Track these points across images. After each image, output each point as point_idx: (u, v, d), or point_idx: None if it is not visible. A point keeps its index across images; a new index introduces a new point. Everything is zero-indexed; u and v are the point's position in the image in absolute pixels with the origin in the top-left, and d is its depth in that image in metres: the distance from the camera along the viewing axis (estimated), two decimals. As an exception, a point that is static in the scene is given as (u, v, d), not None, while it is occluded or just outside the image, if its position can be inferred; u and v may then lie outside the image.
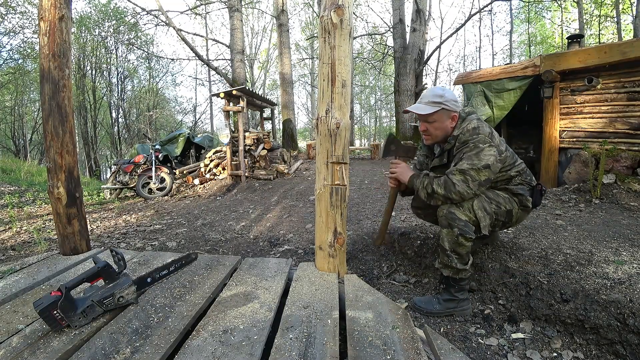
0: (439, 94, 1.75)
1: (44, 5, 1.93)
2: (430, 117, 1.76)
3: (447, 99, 1.74)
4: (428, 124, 1.79)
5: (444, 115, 1.75)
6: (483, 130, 1.70)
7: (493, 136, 1.72)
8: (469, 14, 12.94)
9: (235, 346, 1.16)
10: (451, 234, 1.69)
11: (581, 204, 3.19)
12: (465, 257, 1.72)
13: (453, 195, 1.63)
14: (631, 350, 1.43)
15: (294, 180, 6.41)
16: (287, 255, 2.72)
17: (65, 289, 1.26)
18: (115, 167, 6.55)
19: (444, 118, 1.76)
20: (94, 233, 3.55)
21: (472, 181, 1.62)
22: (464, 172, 1.63)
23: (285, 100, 10.86)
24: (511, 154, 1.81)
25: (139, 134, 17.16)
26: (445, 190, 1.65)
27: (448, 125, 1.78)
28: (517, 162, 1.82)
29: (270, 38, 23.56)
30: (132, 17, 13.46)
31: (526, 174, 1.84)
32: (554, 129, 4.57)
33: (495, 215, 1.73)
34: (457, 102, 1.78)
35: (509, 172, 1.78)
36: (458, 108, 1.77)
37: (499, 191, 1.79)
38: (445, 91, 1.78)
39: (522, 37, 22.88)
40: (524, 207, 1.82)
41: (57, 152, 2.00)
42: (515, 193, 1.79)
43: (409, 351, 1.18)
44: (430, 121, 1.78)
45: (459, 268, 1.72)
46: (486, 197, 1.74)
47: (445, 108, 1.73)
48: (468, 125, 1.72)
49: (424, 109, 1.76)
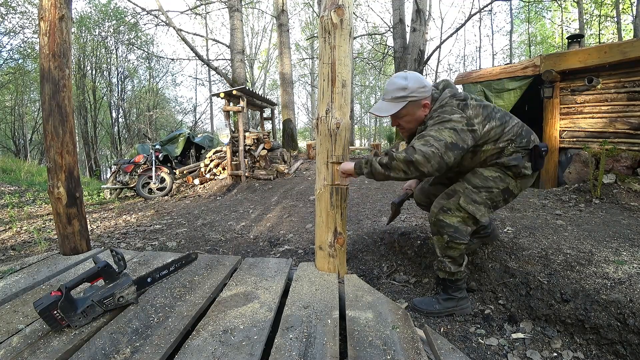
0: (402, 86, 1.55)
1: (44, 5, 1.93)
2: (398, 114, 1.60)
3: (412, 89, 1.54)
4: (399, 120, 1.64)
5: (414, 107, 1.58)
6: (450, 103, 1.54)
7: (466, 106, 1.53)
8: (469, 14, 12.93)
9: (235, 346, 1.16)
10: (441, 241, 1.68)
11: (581, 204, 3.19)
12: (458, 259, 1.72)
13: (415, 156, 1.42)
14: (631, 350, 1.43)
15: (294, 180, 6.41)
16: (287, 255, 2.72)
17: (65, 289, 1.26)
18: (116, 167, 6.55)
19: (414, 110, 1.59)
20: (94, 233, 3.55)
21: (434, 140, 1.43)
22: (423, 136, 1.47)
23: (285, 100, 10.86)
24: (499, 123, 1.58)
25: (139, 134, 17.16)
26: (406, 154, 1.44)
27: (421, 114, 1.60)
28: (507, 129, 1.60)
29: (270, 38, 23.58)
30: (132, 17, 13.46)
31: (521, 138, 1.62)
32: (554, 129, 4.57)
33: (489, 201, 1.64)
34: (425, 87, 1.57)
35: (497, 144, 1.59)
36: (428, 93, 1.58)
37: (488, 171, 1.64)
38: (408, 80, 1.56)
39: (522, 37, 22.90)
40: (523, 176, 1.65)
41: (57, 152, 2.00)
42: (507, 166, 1.61)
43: (409, 351, 1.18)
44: (400, 117, 1.62)
45: (453, 271, 1.72)
46: (473, 188, 1.62)
47: (413, 100, 1.55)
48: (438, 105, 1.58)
49: (388, 108, 1.59)
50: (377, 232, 2.74)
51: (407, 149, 1.47)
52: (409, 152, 1.44)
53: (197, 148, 8.89)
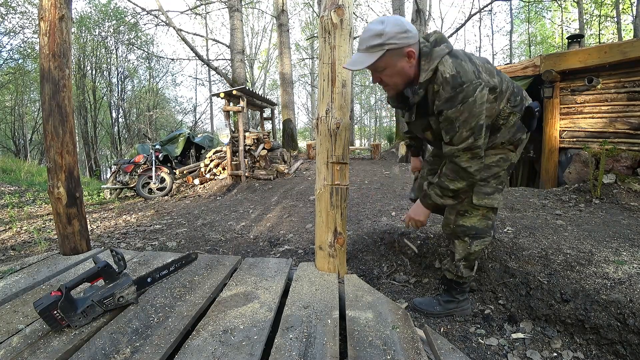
0: (378, 32, 1.27)
1: (44, 5, 1.93)
2: (375, 65, 1.32)
3: (390, 35, 1.26)
4: (380, 75, 1.38)
5: (394, 56, 1.30)
6: (465, 74, 1.28)
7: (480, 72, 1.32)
8: (469, 14, 12.93)
9: (235, 346, 1.16)
10: (464, 244, 1.62)
11: (581, 204, 3.19)
12: (472, 263, 1.70)
13: (474, 178, 1.41)
14: (631, 350, 1.43)
15: (294, 180, 6.41)
16: (287, 255, 2.72)
17: (65, 289, 1.26)
18: (116, 167, 6.55)
19: (394, 60, 1.31)
20: (94, 233, 3.55)
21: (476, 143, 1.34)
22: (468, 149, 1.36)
23: (285, 100, 10.86)
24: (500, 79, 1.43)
25: (139, 134, 17.16)
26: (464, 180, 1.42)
27: (405, 66, 1.33)
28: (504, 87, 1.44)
29: (270, 38, 23.58)
30: (132, 17, 13.47)
31: (515, 97, 1.49)
32: (554, 129, 4.57)
33: (500, 185, 1.57)
34: (407, 32, 1.28)
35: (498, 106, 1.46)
36: (412, 39, 1.29)
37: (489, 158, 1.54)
38: (385, 24, 1.27)
39: (522, 37, 22.90)
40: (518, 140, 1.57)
41: (57, 152, 2.00)
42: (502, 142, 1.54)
43: (409, 351, 1.18)
44: (379, 70, 1.36)
45: (464, 275, 1.71)
46: (480, 181, 1.54)
47: (391, 48, 1.28)
48: (443, 69, 1.29)
49: (363, 60, 1.32)
50: (377, 232, 2.74)
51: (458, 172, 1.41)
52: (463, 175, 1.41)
53: (197, 148, 8.89)
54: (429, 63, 1.32)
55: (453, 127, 1.34)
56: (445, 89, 1.30)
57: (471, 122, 1.31)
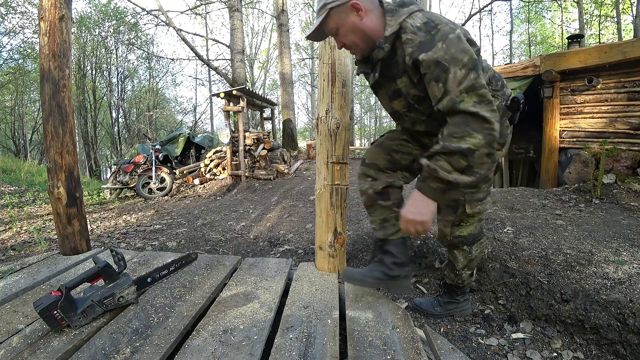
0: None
1: (44, 5, 1.93)
2: (328, 28, 1.25)
3: None
4: (338, 38, 1.28)
5: (340, 13, 1.21)
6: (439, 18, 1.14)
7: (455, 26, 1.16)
8: (469, 14, 12.93)
9: (235, 346, 1.16)
10: (464, 252, 1.61)
11: (581, 204, 3.19)
12: (474, 269, 1.70)
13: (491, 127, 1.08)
14: (631, 350, 1.43)
15: (294, 180, 6.41)
16: (287, 255, 2.72)
17: (65, 289, 1.26)
18: (116, 167, 6.55)
19: (342, 18, 1.21)
20: (94, 233, 3.55)
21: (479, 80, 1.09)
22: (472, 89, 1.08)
23: (285, 100, 10.86)
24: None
25: (139, 134, 17.16)
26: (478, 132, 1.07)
27: (355, 21, 1.21)
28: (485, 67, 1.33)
29: (270, 38, 23.59)
30: (132, 17, 13.47)
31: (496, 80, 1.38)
32: (554, 129, 4.57)
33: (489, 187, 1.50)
34: None
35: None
36: None
37: None
38: None
39: (522, 37, 22.91)
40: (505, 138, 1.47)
41: (57, 152, 2.00)
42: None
43: (409, 351, 1.18)
44: (334, 33, 1.27)
45: (466, 280, 1.71)
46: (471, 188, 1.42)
47: (334, 6, 1.19)
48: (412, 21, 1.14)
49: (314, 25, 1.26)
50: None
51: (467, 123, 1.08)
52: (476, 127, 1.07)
53: (197, 148, 8.90)
54: (394, 18, 1.18)
55: (441, 69, 1.08)
56: (418, 34, 1.12)
57: (462, 57, 1.08)
